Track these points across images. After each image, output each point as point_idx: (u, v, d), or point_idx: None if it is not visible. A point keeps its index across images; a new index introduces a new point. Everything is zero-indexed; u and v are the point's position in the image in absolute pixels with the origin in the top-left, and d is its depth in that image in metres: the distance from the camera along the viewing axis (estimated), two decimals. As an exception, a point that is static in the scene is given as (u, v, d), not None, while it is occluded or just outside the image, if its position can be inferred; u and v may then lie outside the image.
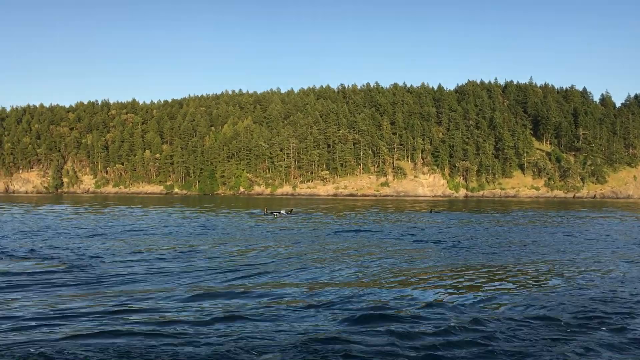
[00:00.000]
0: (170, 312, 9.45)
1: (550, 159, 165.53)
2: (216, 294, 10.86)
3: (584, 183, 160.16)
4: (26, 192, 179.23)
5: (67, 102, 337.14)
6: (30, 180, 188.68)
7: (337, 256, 17.14)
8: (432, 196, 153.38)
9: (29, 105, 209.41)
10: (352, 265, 15.35)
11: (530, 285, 12.36)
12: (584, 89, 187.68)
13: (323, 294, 11.16)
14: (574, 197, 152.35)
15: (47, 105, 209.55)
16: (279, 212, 42.91)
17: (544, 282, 12.72)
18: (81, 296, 10.65)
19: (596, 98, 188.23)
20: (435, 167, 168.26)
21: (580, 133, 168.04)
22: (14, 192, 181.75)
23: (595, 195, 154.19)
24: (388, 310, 9.81)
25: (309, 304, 10.06)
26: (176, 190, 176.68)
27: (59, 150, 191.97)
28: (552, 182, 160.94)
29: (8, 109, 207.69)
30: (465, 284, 12.69)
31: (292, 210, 45.62)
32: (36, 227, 26.96)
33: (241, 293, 11.17)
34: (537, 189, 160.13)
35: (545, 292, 11.43)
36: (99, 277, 12.73)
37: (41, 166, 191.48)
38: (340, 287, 11.88)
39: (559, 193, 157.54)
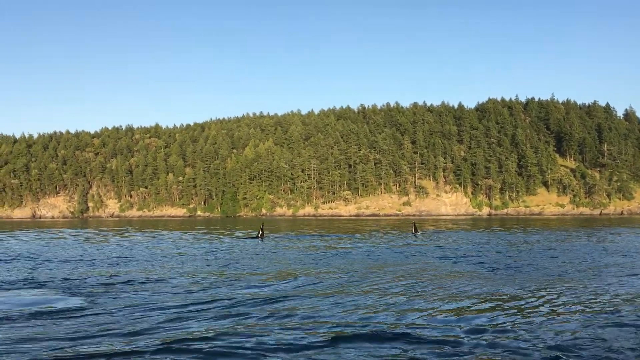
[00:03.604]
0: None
1: (575, 176, 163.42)
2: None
3: (610, 199, 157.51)
4: (52, 217, 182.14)
5: (92, 128, 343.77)
6: (56, 206, 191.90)
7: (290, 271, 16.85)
8: (455, 215, 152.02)
9: (55, 132, 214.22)
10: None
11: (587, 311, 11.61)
12: (607, 104, 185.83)
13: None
14: (600, 214, 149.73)
15: (72, 131, 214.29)
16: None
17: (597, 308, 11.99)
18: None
19: (620, 113, 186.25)
20: (457, 186, 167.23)
21: (605, 149, 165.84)
22: (40, 217, 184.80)
23: (622, 212, 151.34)
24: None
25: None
26: (199, 212, 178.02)
27: (85, 175, 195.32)
28: (578, 199, 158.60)
29: (35, 136, 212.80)
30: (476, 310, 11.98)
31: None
32: (65, 254, 27.13)
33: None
34: (562, 206, 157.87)
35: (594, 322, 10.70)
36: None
37: (67, 191, 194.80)
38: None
39: (585, 210, 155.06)
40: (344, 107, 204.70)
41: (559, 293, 13.43)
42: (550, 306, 11.86)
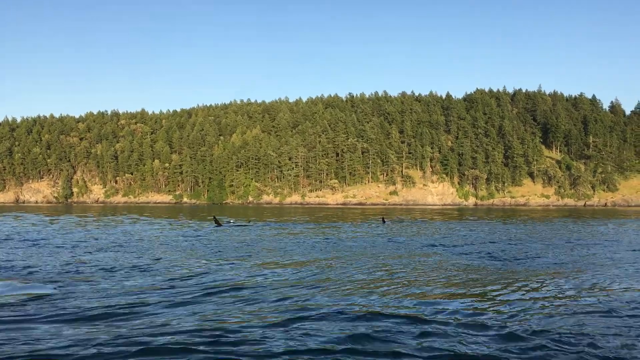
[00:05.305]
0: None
1: (560, 167, 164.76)
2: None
3: (594, 191, 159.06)
4: (36, 202, 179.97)
5: (77, 112, 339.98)
6: (40, 190, 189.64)
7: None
8: (442, 205, 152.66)
9: (39, 116, 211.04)
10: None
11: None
12: (593, 96, 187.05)
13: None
14: (584, 205, 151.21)
15: (57, 115, 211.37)
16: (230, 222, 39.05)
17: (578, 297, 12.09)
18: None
19: (606, 106, 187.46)
20: (444, 176, 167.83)
21: (590, 141, 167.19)
22: (24, 202, 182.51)
23: (606, 204, 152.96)
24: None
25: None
26: (185, 199, 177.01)
27: (69, 160, 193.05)
28: (563, 190, 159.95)
29: (19, 120, 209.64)
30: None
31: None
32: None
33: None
34: (548, 197, 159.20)
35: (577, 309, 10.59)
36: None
37: (51, 176, 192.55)
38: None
39: (570, 201, 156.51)
40: (332, 96, 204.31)
41: (528, 280, 13.43)
42: (516, 291, 11.90)
